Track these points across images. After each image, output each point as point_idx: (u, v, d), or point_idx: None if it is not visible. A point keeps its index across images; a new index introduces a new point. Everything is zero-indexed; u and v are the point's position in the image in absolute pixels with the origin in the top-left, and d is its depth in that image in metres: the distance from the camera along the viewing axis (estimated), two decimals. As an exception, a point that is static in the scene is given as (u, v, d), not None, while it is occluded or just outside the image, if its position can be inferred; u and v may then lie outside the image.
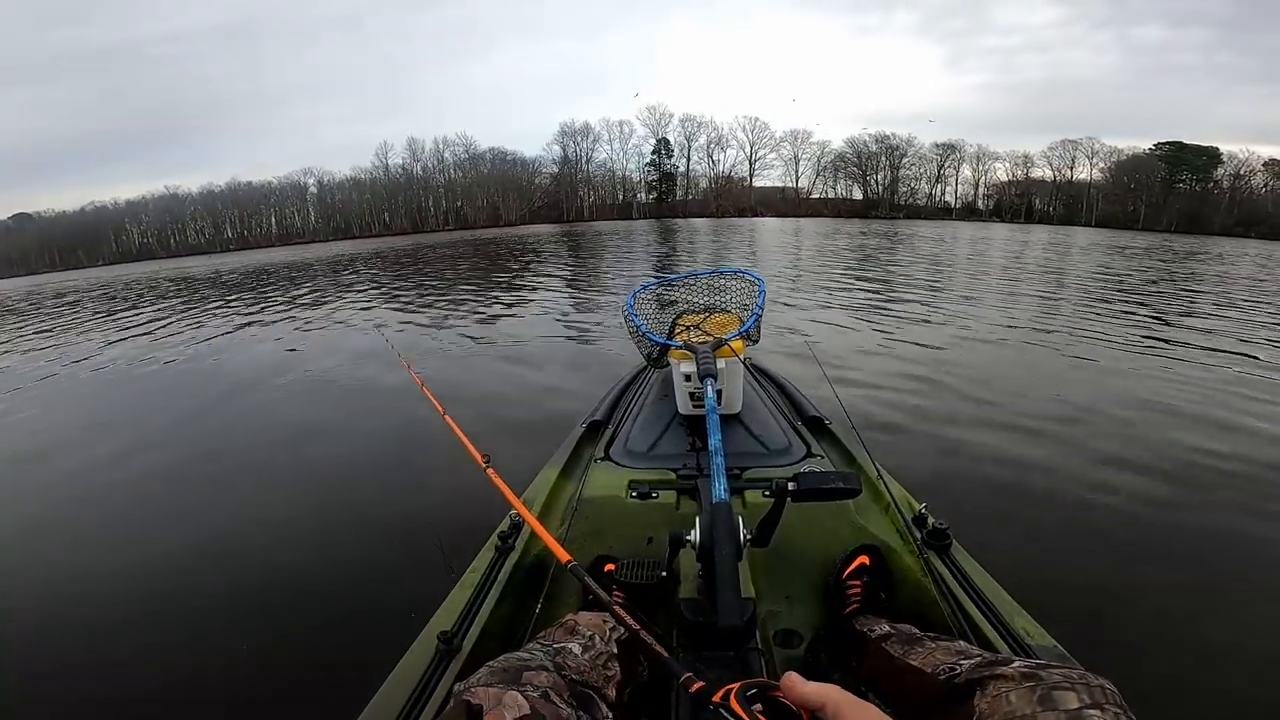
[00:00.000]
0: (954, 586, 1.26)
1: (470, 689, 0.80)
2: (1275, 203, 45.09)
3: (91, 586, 2.48)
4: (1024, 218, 52.16)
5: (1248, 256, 20.03)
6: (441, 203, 61.41)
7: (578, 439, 2.06)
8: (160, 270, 29.14)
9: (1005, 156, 55.79)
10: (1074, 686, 0.73)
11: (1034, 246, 21.29)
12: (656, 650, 0.76)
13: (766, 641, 1.35)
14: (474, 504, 2.29)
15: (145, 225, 60.02)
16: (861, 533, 1.48)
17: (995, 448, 3.34)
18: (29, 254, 55.67)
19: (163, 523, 3.04)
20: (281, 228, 60.66)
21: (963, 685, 0.83)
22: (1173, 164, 49.47)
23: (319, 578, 2.43)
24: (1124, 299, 9.04)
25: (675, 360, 1.93)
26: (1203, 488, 2.90)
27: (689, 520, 1.11)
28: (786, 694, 0.56)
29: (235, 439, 4.26)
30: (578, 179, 61.08)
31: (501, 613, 1.28)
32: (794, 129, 60.94)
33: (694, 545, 1.08)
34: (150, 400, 5.41)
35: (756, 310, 2.10)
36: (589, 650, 1.01)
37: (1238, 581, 2.23)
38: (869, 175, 58.47)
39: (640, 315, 2.19)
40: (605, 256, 18.28)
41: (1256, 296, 9.69)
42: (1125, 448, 3.34)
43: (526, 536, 1.48)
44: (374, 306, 10.31)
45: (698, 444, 1.87)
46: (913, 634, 1.09)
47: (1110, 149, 52.30)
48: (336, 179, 61.26)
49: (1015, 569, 1.57)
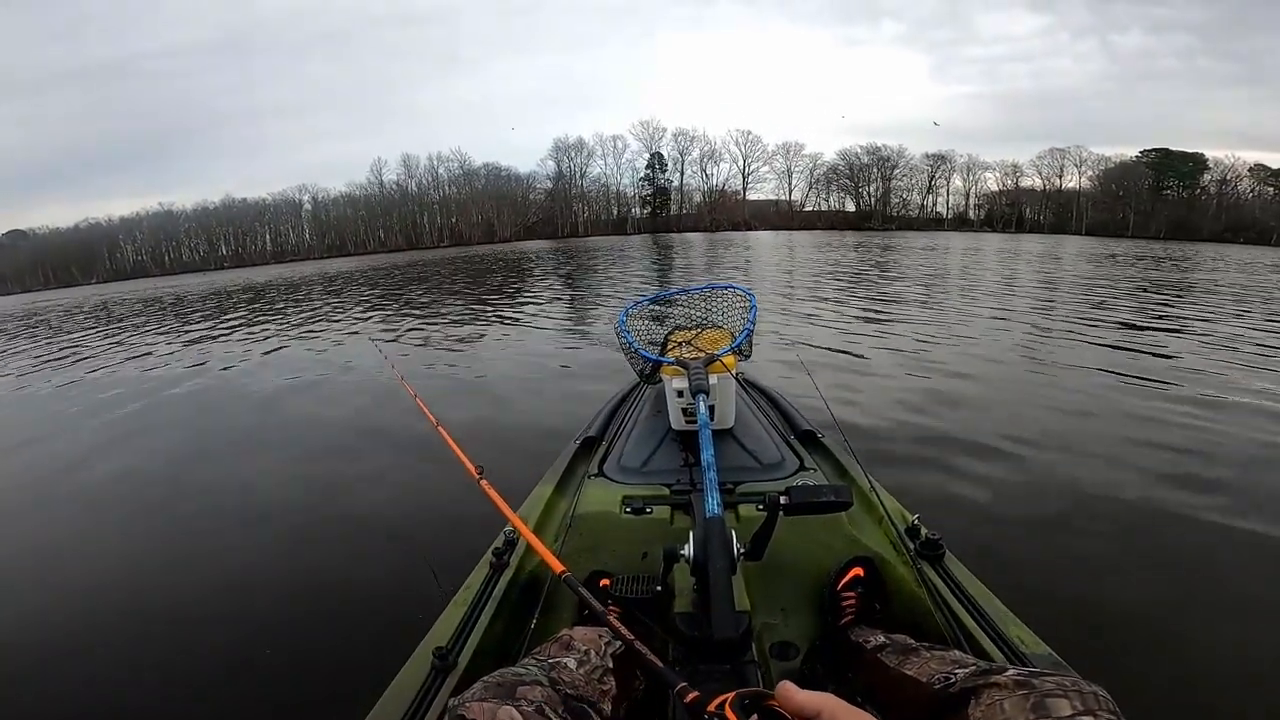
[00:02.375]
0: (948, 596, 1.27)
1: (464, 704, 0.80)
2: (1262, 208, 45.67)
3: (79, 604, 2.45)
4: (1015, 227, 52.68)
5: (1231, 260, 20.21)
6: (436, 219, 61.70)
7: (571, 455, 2.07)
8: (156, 287, 29.08)
9: (995, 166, 56.68)
10: (1067, 694, 0.73)
11: (1025, 257, 21.44)
12: (652, 661, 0.76)
13: (762, 654, 1.35)
14: (468, 520, 2.29)
15: (139, 242, 60.13)
16: (855, 544, 1.49)
17: (987, 458, 3.35)
18: (23, 271, 55.65)
19: (151, 539, 3.02)
20: (276, 245, 60.76)
21: (957, 694, 0.84)
22: (1159, 171, 50.17)
23: (312, 594, 2.41)
24: (1116, 307, 9.12)
25: (668, 376, 1.94)
26: (1197, 494, 2.90)
27: (683, 535, 1.12)
28: (782, 703, 0.57)
29: (226, 453, 4.23)
30: (572, 194, 61.45)
31: (497, 628, 1.27)
32: (786, 141, 61.73)
33: (688, 559, 1.08)
34: (140, 414, 5.36)
35: (748, 325, 2.12)
36: (584, 665, 1.01)
37: (1232, 588, 2.23)
38: (861, 187, 59.10)
39: (632, 332, 2.21)
40: (599, 272, 18.34)
41: (1249, 305, 9.78)
42: (1116, 457, 3.35)
43: (521, 553, 1.49)
44: (368, 322, 10.31)
45: (691, 459, 1.87)
46: (908, 644, 1.10)
47: (1098, 157, 53.20)
48: (331, 195, 61.69)
49: (1008, 578, 1.58)
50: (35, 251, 57.91)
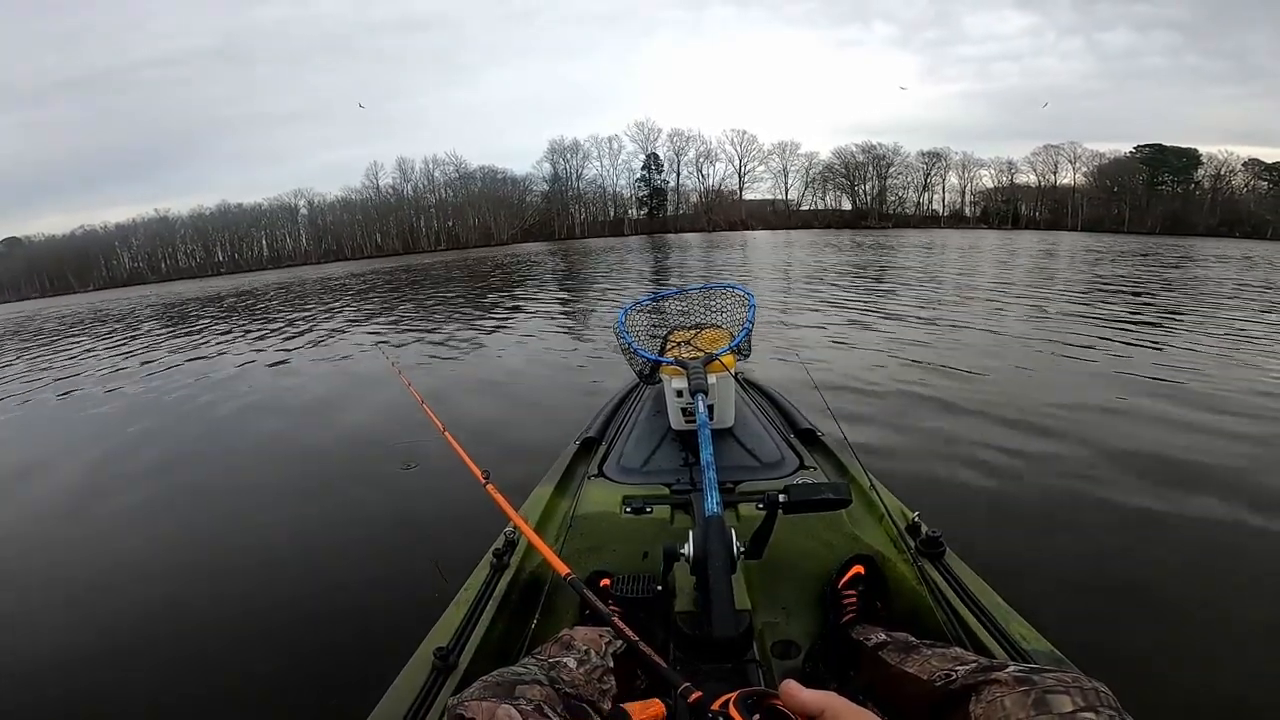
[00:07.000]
0: (948, 593, 1.27)
1: (463, 703, 0.80)
2: (1257, 202, 45.79)
3: (85, 607, 2.45)
4: (1011, 224, 52.75)
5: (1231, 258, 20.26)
6: (433, 222, 61.56)
7: (572, 456, 2.07)
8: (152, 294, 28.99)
9: (990, 163, 56.68)
10: (1068, 690, 0.73)
11: (1021, 254, 21.46)
12: (654, 661, 0.76)
13: (764, 653, 1.35)
14: (470, 521, 2.29)
15: (135, 249, 59.93)
16: (856, 543, 1.49)
17: (986, 455, 3.35)
18: (18, 279, 55.51)
19: (157, 541, 3.03)
20: (272, 250, 60.63)
21: (959, 691, 0.84)
22: (1153, 166, 50.28)
23: (315, 594, 2.41)
24: (1111, 303, 9.14)
25: (667, 376, 1.94)
26: (1200, 491, 2.90)
27: (683, 534, 1.12)
28: (785, 701, 0.57)
29: (231, 457, 4.24)
30: (568, 196, 61.39)
31: (498, 629, 1.28)
32: (782, 141, 61.78)
33: (688, 559, 1.08)
34: (143, 419, 5.35)
35: (747, 324, 2.12)
36: (584, 664, 1.01)
37: (1236, 583, 2.23)
38: (857, 186, 59.11)
39: (631, 332, 2.21)
40: (597, 273, 18.34)
41: (1248, 299, 9.79)
42: (1117, 452, 3.35)
43: (522, 553, 1.49)
44: (372, 325, 10.31)
45: (691, 459, 1.87)
46: (909, 641, 1.10)
47: (1092, 153, 53.26)
48: (327, 200, 61.53)
49: (1009, 574, 1.58)
50: (31, 259, 57.78)
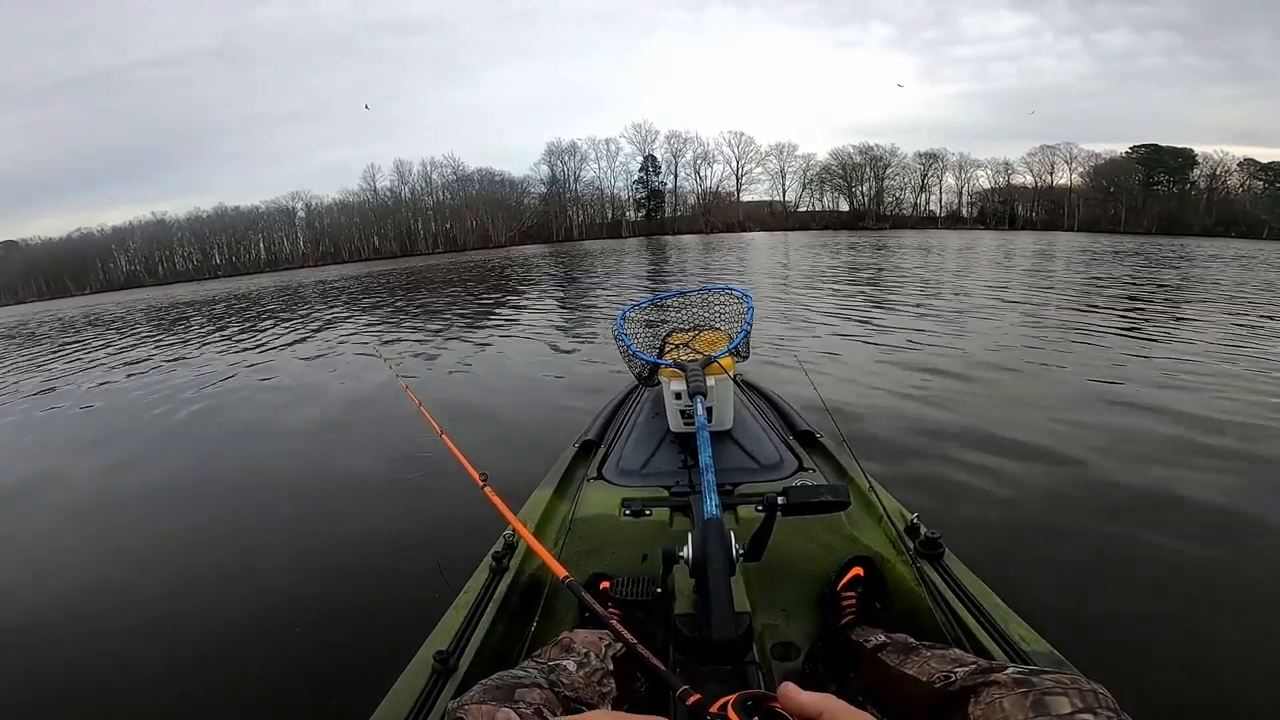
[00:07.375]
0: (948, 595, 1.27)
1: (463, 707, 0.81)
2: (1253, 202, 45.93)
3: (85, 609, 2.45)
4: (1008, 224, 52.88)
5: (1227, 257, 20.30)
6: (431, 225, 61.55)
7: (570, 458, 2.07)
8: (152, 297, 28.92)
9: (987, 164, 56.87)
10: (1067, 691, 0.73)
11: (1018, 254, 21.49)
12: (654, 664, 0.76)
13: (764, 655, 1.35)
14: (469, 524, 2.29)
15: (133, 252, 59.84)
16: (855, 544, 1.49)
17: (985, 457, 3.35)
18: (15, 282, 55.42)
19: (157, 543, 3.04)
20: (270, 253, 60.56)
21: (958, 693, 0.84)
22: (1149, 166, 50.47)
23: (315, 598, 2.41)
24: (1110, 304, 9.16)
25: (666, 378, 1.94)
26: (1201, 490, 2.90)
27: (682, 537, 1.12)
28: (784, 703, 0.57)
29: (230, 460, 4.23)
30: (566, 198, 61.43)
31: (497, 632, 1.27)
32: (779, 142, 61.90)
33: (687, 561, 1.08)
34: (142, 422, 5.35)
35: (745, 326, 2.12)
36: (584, 667, 1.01)
37: (1235, 584, 2.23)
38: (854, 187, 59.23)
39: (630, 334, 2.21)
40: (595, 275, 18.34)
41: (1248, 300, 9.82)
42: (1116, 453, 3.36)
43: (521, 556, 1.49)
44: (369, 328, 10.29)
45: (689, 461, 1.87)
46: (908, 643, 1.10)
47: (1088, 154, 53.46)
48: (324, 203, 61.51)
49: (1008, 575, 1.58)
50: (27, 262, 57.69)
